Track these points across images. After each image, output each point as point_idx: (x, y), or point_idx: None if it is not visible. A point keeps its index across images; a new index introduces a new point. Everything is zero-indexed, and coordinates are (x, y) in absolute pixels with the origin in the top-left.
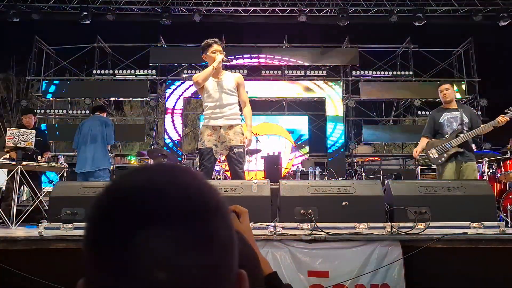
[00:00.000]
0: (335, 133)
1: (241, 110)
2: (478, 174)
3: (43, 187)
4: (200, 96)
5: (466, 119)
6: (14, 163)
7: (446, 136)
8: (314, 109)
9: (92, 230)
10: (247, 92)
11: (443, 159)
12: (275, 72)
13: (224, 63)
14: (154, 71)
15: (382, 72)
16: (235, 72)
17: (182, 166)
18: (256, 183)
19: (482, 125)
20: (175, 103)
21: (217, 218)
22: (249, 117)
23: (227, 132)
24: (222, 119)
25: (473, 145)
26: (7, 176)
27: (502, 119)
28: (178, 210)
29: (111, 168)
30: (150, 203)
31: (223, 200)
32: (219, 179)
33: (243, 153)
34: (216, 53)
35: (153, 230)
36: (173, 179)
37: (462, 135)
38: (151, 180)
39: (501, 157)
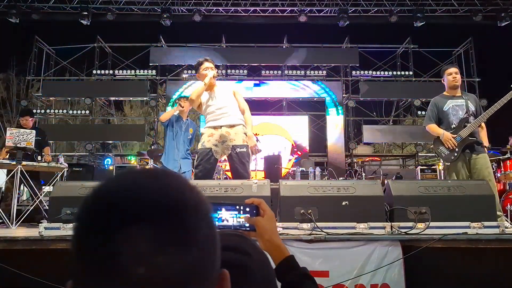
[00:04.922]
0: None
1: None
2: None
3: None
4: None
5: (472, 107)
6: (14, 163)
7: (452, 126)
8: (314, 109)
9: (78, 229)
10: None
11: (455, 154)
12: (275, 72)
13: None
14: (154, 71)
15: (382, 72)
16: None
17: (165, 170)
18: (256, 183)
19: (483, 113)
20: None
21: (197, 218)
22: (250, 124)
23: (228, 131)
24: (223, 118)
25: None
26: (7, 176)
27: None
28: (158, 209)
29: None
30: (131, 203)
31: (204, 201)
32: (219, 179)
33: (246, 152)
34: (207, 70)
35: (133, 228)
36: (155, 181)
37: (468, 124)
38: (134, 182)
39: (501, 157)
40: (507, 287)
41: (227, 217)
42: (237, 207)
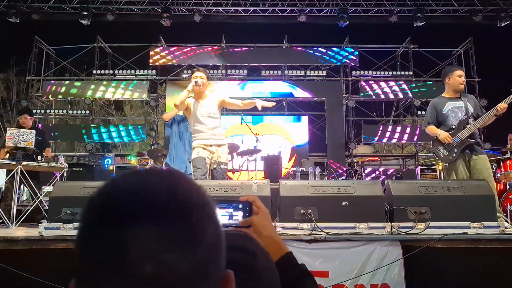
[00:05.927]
0: None
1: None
2: None
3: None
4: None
5: (471, 109)
6: (14, 163)
7: (451, 128)
8: (314, 109)
9: (84, 228)
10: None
11: (454, 155)
12: (275, 72)
13: (197, 86)
14: (154, 71)
15: (382, 72)
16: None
17: (171, 170)
18: (256, 183)
19: (484, 114)
20: None
21: (203, 218)
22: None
23: (217, 149)
24: (211, 139)
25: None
26: (7, 176)
27: (501, 105)
28: (165, 208)
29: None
30: (138, 202)
31: (210, 201)
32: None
33: (226, 169)
34: (196, 78)
35: (141, 226)
36: (162, 181)
37: (468, 126)
38: (141, 182)
39: (500, 157)
40: (507, 287)
41: (220, 214)
42: (231, 204)
